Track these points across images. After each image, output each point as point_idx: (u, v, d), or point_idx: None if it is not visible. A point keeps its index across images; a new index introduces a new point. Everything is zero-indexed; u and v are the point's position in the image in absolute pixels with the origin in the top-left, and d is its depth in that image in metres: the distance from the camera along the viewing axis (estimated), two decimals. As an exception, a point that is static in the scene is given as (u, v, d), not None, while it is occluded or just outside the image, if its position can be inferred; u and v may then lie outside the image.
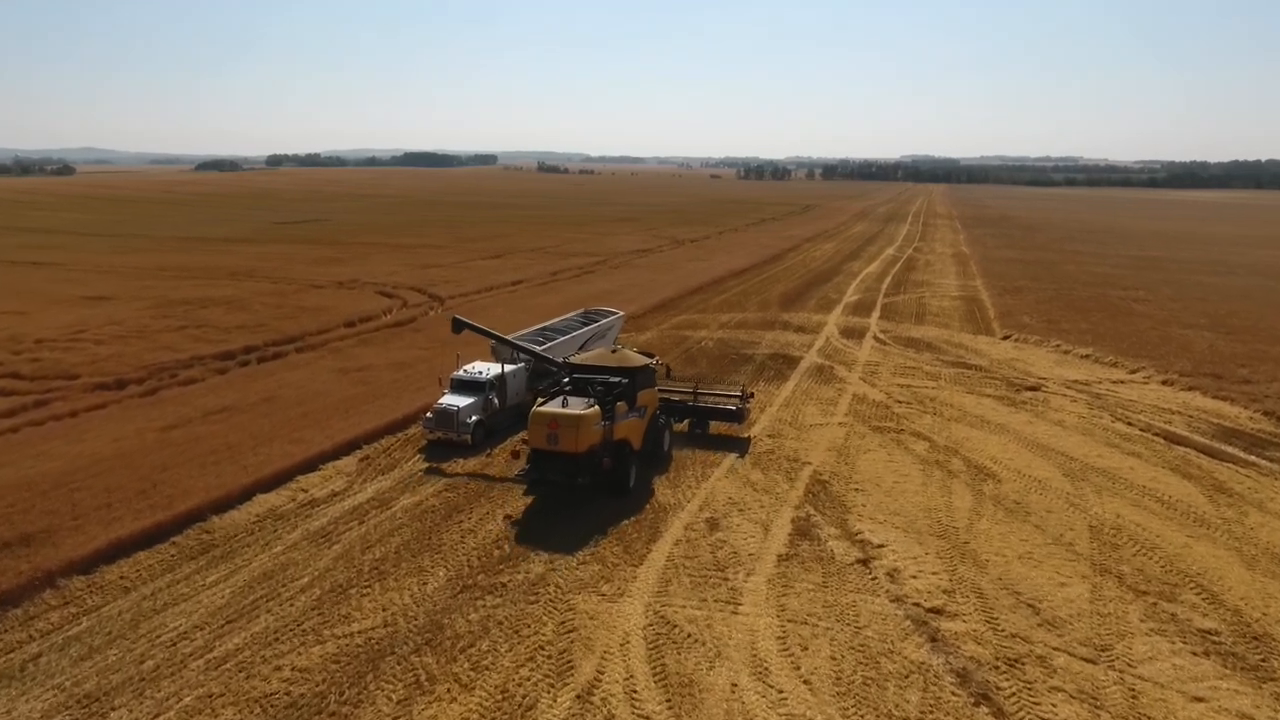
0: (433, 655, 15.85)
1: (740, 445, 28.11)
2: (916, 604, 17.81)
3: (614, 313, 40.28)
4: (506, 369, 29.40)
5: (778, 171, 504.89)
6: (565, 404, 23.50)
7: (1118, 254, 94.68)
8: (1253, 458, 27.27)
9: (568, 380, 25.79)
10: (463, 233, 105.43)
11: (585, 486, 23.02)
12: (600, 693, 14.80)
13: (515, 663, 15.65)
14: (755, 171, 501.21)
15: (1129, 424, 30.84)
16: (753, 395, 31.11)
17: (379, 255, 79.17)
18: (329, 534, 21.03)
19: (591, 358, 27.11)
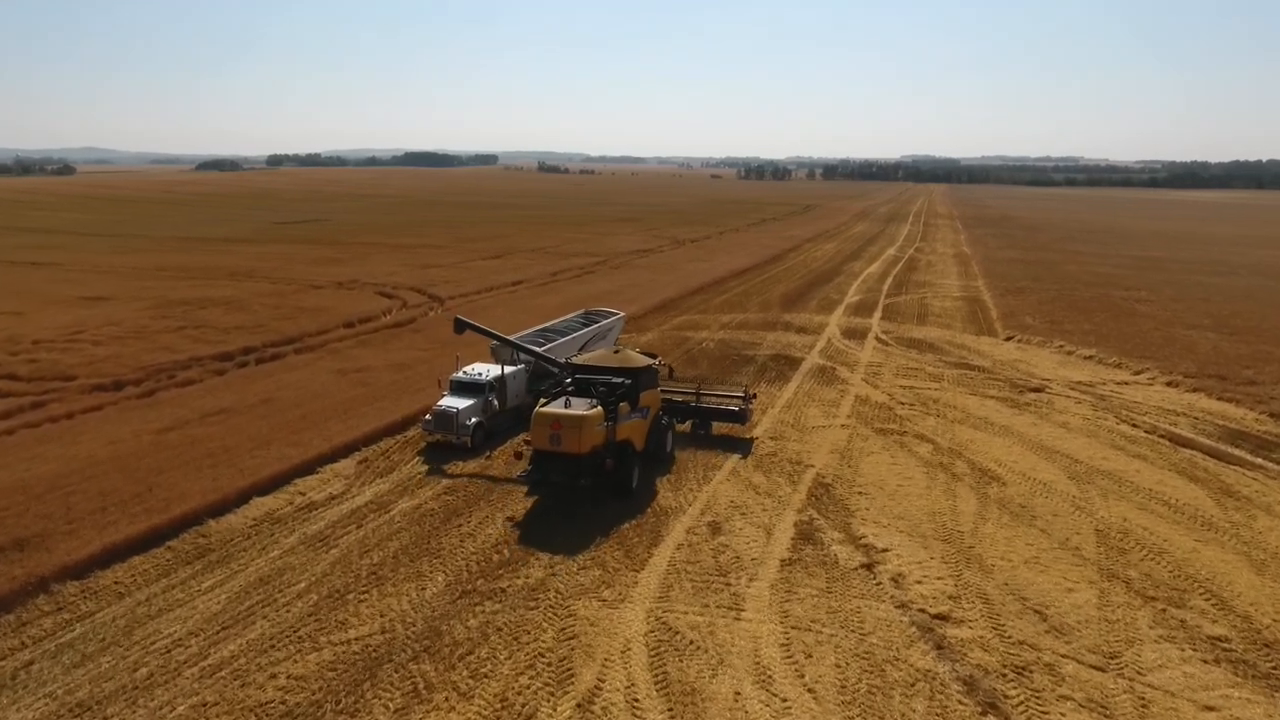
0: (431, 663, 15.60)
1: (743, 446, 27.88)
2: (922, 610, 17.56)
3: (615, 313, 40.04)
4: (506, 370, 29.15)
5: (778, 171, 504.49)
6: (568, 405, 23.29)
7: (1119, 254, 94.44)
8: (1260, 460, 27.01)
9: (570, 381, 25.58)
10: (463, 233, 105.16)
11: (588, 488, 22.81)
12: (601, 701, 14.56)
13: (515, 670, 15.40)
14: (756, 171, 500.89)
15: (1134, 426, 30.59)
16: (755, 396, 30.88)
17: (379, 255, 78.94)
18: (326, 538, 20.79)
19: (594, 358, 26.91)
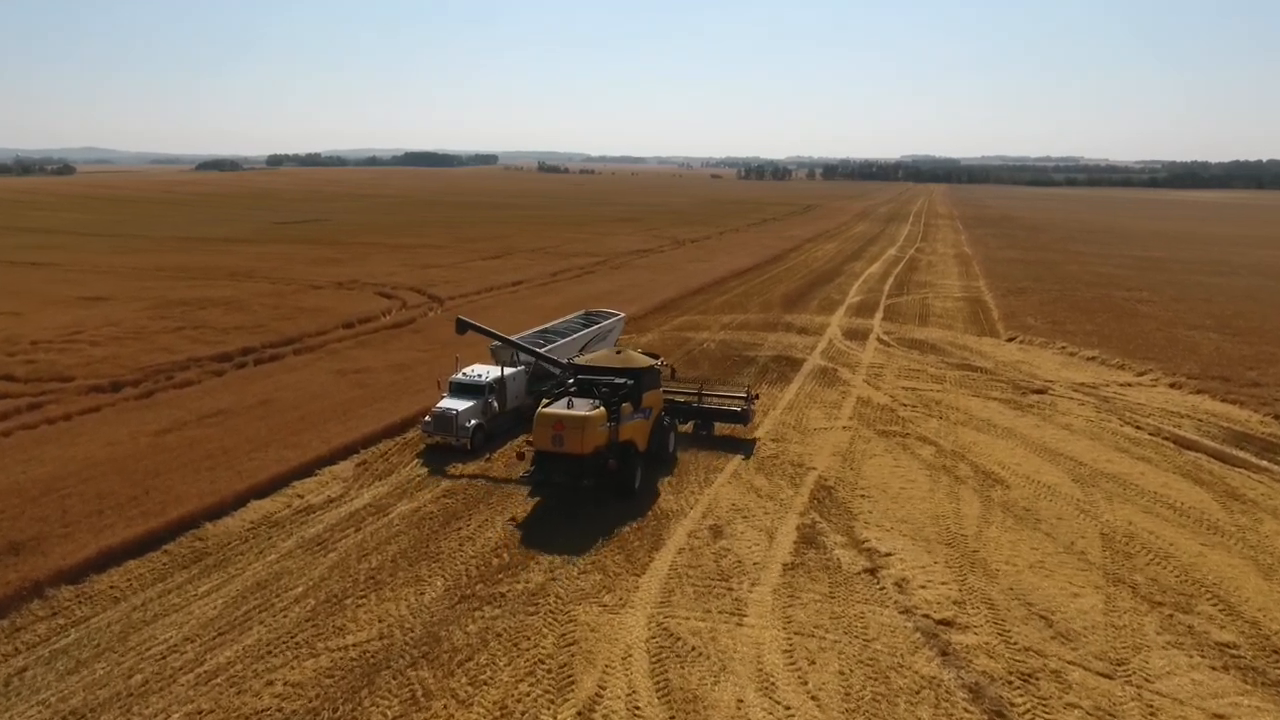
0: (430, 669, 15.40)
1: (745, 447, 27.69)
2: (926, 615, 17.36)
3: (615, 314, 39.86)
4: (506, 372, 28.96)
5: (778, 171, 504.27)
6: (571, 405, 23.15)
7: (1120, 254, 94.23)
8: (1265, 463, 26.80)
9: (573, 381, 25.42)
10: (463, 233, 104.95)
11: (590, 488, 22.67)
12: (602, 709, 14.36)
13: (514, 677, 15.20)
14: (756, 171, 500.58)
15: (1138, 428, 30.39)
16: (758, 396, 30.71)
17: (378, 255, 78.73)
18: (325, 542, 20.59)
19: (597, 359, 26.79)
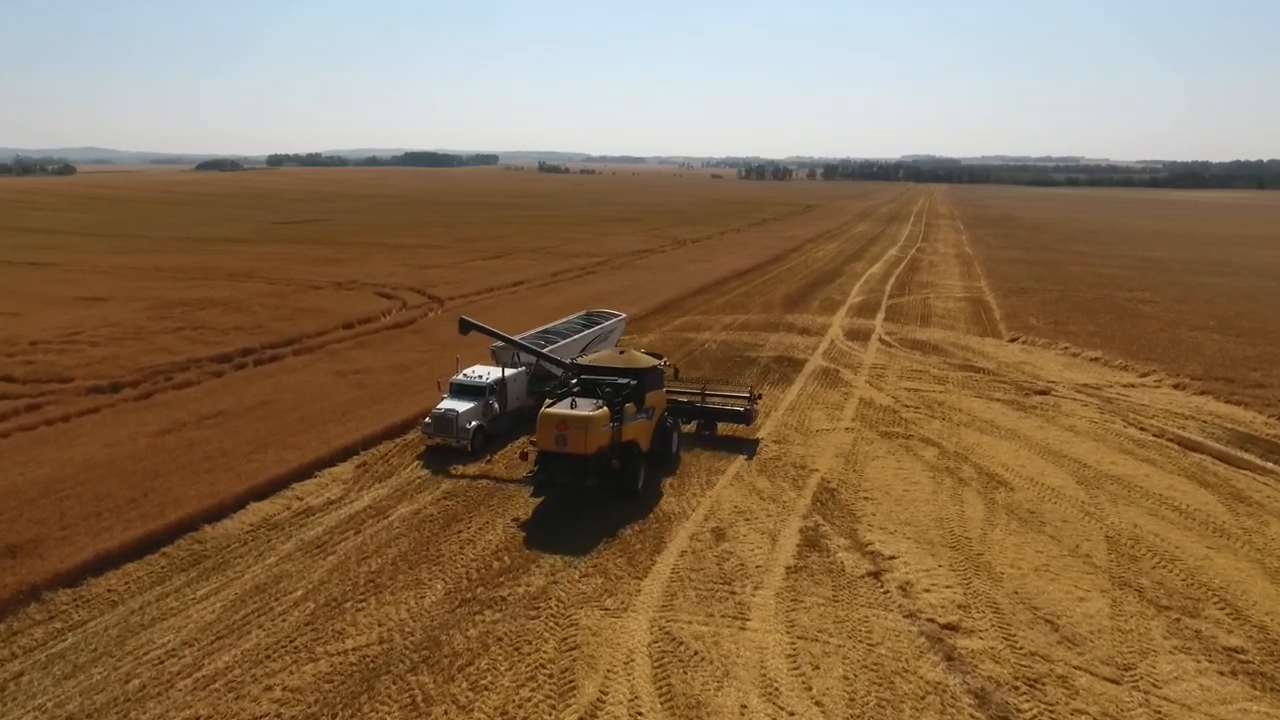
0: (430, 674, 15.25)
1: (748, 448, 27.55)
2: (931, 620, 17.20)
3: (616, 315, 39.71)
4: (507, 373, 28.81)
5: (779, 171, 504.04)
6: (574, 405, 23.04)
7: (1121, 254, 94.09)
8: (1270, 465, 26.64)
9: (576, 381, 25.30)
10: (463, 233, 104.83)
11: (594, 488, 22.56)
12: (604, 715, 14.20)
13: (515, 682, 15.05)
14: (756, 171, 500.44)
15: (1142, 429, 30.23)
16: (760, 396, 30.59)
17: (378, 256, 78.60)
18: (324, 544, 20.44)
19: (600, 359, 26.70)
